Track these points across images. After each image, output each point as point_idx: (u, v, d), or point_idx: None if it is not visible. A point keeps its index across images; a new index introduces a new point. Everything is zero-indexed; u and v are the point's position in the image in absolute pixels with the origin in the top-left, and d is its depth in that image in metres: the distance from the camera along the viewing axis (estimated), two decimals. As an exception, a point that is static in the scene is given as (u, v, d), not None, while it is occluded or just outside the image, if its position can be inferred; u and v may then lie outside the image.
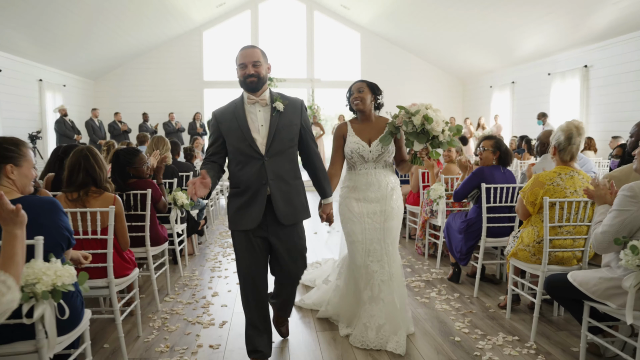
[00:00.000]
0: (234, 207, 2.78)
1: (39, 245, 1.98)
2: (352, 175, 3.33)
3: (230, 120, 2.74)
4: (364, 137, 3.26)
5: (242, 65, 2.70)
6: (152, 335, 3.39)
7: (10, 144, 2.13)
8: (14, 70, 10.74)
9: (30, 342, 2.05)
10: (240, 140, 2.70)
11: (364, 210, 3.24)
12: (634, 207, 2.43)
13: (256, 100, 2.74)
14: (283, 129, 2.73)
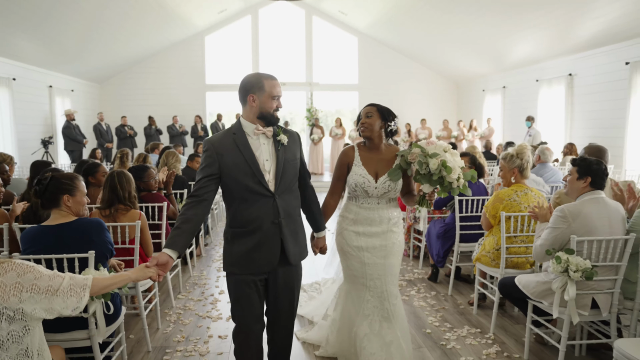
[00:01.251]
0: (241, 249, 2.47)
1: (92, 257, 2.57)
2: (353, 207, 3.02)
3: (233, 152, 2.43)
4: (370, 168, 2.94)
5: (276, 97, 2.48)
6: (170, 328, 3.99)
7: (66, 178, 2.71)
8: (26, 78, 11.31)
9: (85, 331, 2.66)
10: (248, 176, 2.42)
11: (363, 244, 2.96)
12: (564, 225, 3.01)
13: (263, 131, 2.49)
14: (288, 164, 2.52)
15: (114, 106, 15.68)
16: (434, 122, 16.01)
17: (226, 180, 2.45)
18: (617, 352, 2.47)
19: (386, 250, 2.97)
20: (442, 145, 2.79)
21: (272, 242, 2.48)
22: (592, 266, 2.83)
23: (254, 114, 2.48)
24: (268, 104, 2.46)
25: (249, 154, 2.44)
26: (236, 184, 2.44)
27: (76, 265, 2.58)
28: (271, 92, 2.46)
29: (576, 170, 3.14)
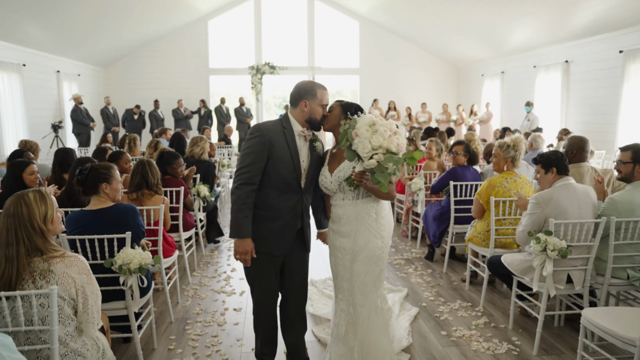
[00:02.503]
0: (263, 231, 2.73)
1: (128, 238, 2.94)
2: (332, 205, 2.95)
3: (283, 145, 2.68)
4: (332, 166, 2.85)
5: (325, 106, 2.76)
6: (188, 302, 4.39)
7: (104, 168, 3.06)
8: (35, 64, 11.57)
9: (122, 301, 3.04)
10: (289, 171, 2.69)
11: (337, 243, 2.88)
12: (538, 210, 3.39)
13: (307, 134, 2.77)
14: (316, 168, 2.84)
15: (119, 90, 15.94)
16: (434, 106, 16.28)
17: (269, 167, 2.66)
18: (584, 319, 2.85)
19: (353, 253, 2.81)
20: (368, 120, 2.55)
21: (291, 231, 2.78)
22: (567, 246, 3.20)
23: (303, 117, 2.74)
24: (317, 111, 2.73)
25: (294, 151, 2.71)
26: (277, 174, 2.67)
27: (115, 244, 2.96)
28: (322, 101, 2.73)
29: (541, 166, 3.52)
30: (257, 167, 2.65)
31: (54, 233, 2.28)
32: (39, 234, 2.19)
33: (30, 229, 2.16)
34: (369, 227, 2.80)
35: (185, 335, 3.76)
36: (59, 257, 2.20)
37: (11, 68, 10.47)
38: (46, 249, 2.20)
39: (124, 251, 2.90)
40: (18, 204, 2.16)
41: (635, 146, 3.47)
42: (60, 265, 2.18)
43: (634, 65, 8.93)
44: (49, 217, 2.23)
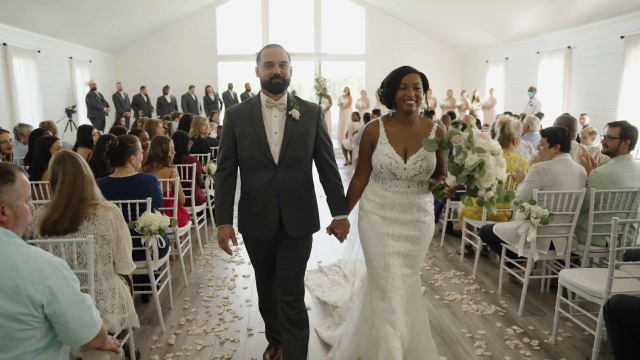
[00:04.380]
0: (247, 214, 2.63)
1: (149, 203, 3.27)
2: (378, 189, 2.66)
3: (246, 122, 2.54)
4: (399, 147, 2.57)
5: (268, 64, 2.49)
6: (201, 269, 4.72)
7: (130, 141, 3.38)
8: (49, 51, 11.89)
9: (143, 261, 3.36)
10: (255, 146, 2.51)
11: (389, 230, 2.63)
12: (537, 178, 3.67)
13: (275, 104, 2.53)
14: (298, 139, 2.53)
15: (129, 76, 16.22)
16: (439, 92, 16.44)
17: (239, 148, 2.57)
18: (561, 278, 3.14)
19: (413, 240, 2.65)
20: (494, 146, 2.31)
21: (271, 213, 2.55)
22: (550, 214, 3.48)
23: (261, 85, 2.58)
24: (263, 73, 2.50)
25: (258, 125, 2.52)
26: (245, 153, 2.54)
27: (137, 209, 3.28)
28: (262, 60, 2.51)
29: (546, 140, 3.77)
30: (225, 151, 2.60)
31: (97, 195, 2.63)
32: (90, 184, 2.55)
33: (87, 179, 2.55)
34: (428, 211, 2.67)
35: (199, 297, 4.09)
36: (101, 204, 2.60)
37: (27, 54, 10.79)
38: (93, 197, 2.57)
39: (145, 214, 3.22)
40: (71, 161, 2.52)
41: (624, 123, 3.71)
42: (101, 210, 2.58)
43: (635, 50, 9.09)
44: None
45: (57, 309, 1.62)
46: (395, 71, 2.56)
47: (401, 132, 2.60)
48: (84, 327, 1.72)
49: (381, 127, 2.64)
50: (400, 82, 2.51)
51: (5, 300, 1.53)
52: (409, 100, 2.50)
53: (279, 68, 2.49)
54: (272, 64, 2.49)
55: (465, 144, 2.32)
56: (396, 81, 2.52)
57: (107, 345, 2.01)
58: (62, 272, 1.65)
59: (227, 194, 2.63)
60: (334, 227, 2.76)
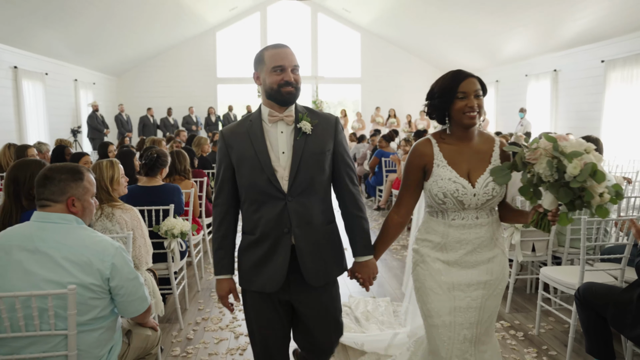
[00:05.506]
0: (249, 261, 2.08)
1: (172, 210, 3.63)
2: (438, 225, 2.14)
3: (244, 143, 2.03)
4: (461, 168, 2.09)
5: (278, 68, 1.99)
6: (211, 276, 5.05)
7: (164, 156, 3.80)
8: (56, 73, 12.34)
9: (164, 263, 3.71)
10: (257, 172, 2.00)
11: (455, 279, 2.10)
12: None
13: (280, 117, 2.03)
14: (311, 158, 2.02)
15: (131, 98, 16.68)
16: (432, 113, 16.99)
17: (238, 177, 2.07)
18: (542, 275, 3.53)
19: (487, 287, 2.11)
20: (582, 142, 1.90)
21: (280, 256, 2.01)
22: (531, 219, 3.88)
23: (264, 96, 2.05)
24: (271, 79, 1.99)
25: (260, 145, 2.01)
26: (245, 181, 2.04)
27: (160, 214, 3.64)
28: (273, 63, 1.98)
29: None
30: (221, 182, 2.11)
31: (118, 192, 3.00)
32: (105, 190, 2.94)
33: (100, 185, 2.93)
34: (504, 249, 2.17)
35: (212, 299, 4.42)
36: (119, 206, 2.99)
37: (36, 77, 11.22)
38: (109, 200, 2.97)
39: (168, 219, 3.58)
40: (95, 168, 2.94)
41: (588, 137, 4.14)
42: (118, 211, 2.97)
43: (614, 73, 9.64)
44: (115, 179, 2.98)
45: (118, 283, 1.97)
46: (447, 78, 2.07)
47: (460, 151, 2.10)
48: (139, 300, 2.07)
49: (435, 147, 2.12)
50: (457, 90, 2.02)
51: (81, 273, 1.88)
52: (471, 112, 2.02)
53: (291, 74, 1.99)
54: (284, 69, 1.98)
55: (552, 154, 1.87)
56: (452, 90, 2.03)
57: (149, 322, 2.36)
58: (121, 253, 2.01)
59: (225, 237, 2.11)
60: (355, 271, 2.18)
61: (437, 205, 2.11)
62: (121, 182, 3.00)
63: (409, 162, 2.17)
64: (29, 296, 1.80)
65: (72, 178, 2.00)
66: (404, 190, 2.20)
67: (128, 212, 2.98)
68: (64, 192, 1.97)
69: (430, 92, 2.15)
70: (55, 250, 1.88)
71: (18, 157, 4.65)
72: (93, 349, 1.96)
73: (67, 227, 1.95)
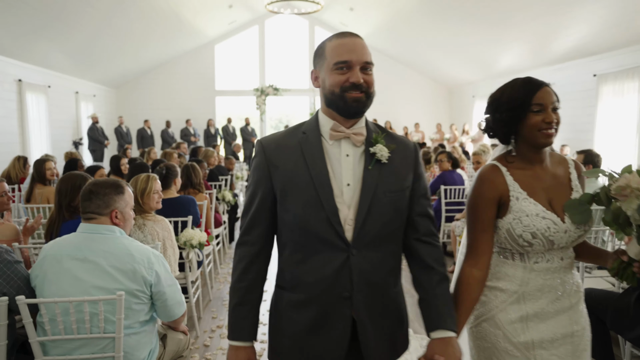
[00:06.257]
0: (286, 330, 1.56)
1: (190, 221, 3.79)
2: (515, 270, 1.73)
3: (295, 163, 1.51)
4: (540, 198, 1.72)
5: (342, 65, 1.49)
6: (221, 286, 5.20)
7: (174, 168, 3.93)
8: (58, 86, 12.49)
9: (182, 272, 3.86)
10: (311, 207, 1.48)
11: (534, 335, 1.70)
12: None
13: (346, 134, 1.52)
14: (386, 196, 1.51)
15: (130, 110, 16.84)
16: (428, 125, 17.28)
17: (279, 209, 1.54)
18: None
19: (576, 341, 1.74)
20: None
21: (335, 330, 1.50)
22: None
23: (324, 102, 1.56)
24: (332, 80, 1.49)
25: (319, 169, 1.49)
26: (290, 217, 1.51)
27: (179, 225, 3.80)
28: (333, 58, 1.49)
29: None
30: (254, 213, 1.56)
31: (149, 206, 3.15)
32: (135, 202, 3.09)
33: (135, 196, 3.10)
34: (582, 290, 1.82)
35: (224, 308, 4.57)
36: (151, 217, 3.17)
37: (39, 89, 11.37)
38: (140, 212, 3.14)
39: (186, 230, 3.74)
40: (133, 181, 3.12)
41: (588, 151, 4.37)
42: (150, 222, 3.14)
43: (606, 87, 9.93)
44: (146, 193, 3.15)
45: (160, 289, 2.13)
46: (517, 87, 1.72)
47: (536, 177, 1.73)
48: (177, 305, 2.23)
49: (506, 175, 1.72)
50: (531, 102, 1.67)
51: (127, 280, 2.04)
52: (549, 129, 1.67)
53: (360, 73, 1.50)
54: (351, 65, 1.49)
55: None
56: (525, 102, 1.67)
57: (181, 327, 2.52)
58: (162, 261, 2.17)
59: (250, 290, 1.57)
60: (434, 353, 1.52)
61: (519, 247, 1.69)
62: (152, 196, 3.16)
63: (478, 196, 1.74)
64: (82, 301, 1.95)
65: (115, 192, 2.17)
66: (479, 233, 1.72)
67: (159, 223, 3.14)
68: (108, 205, 2.14)
69: (494, 104, 1.77)
70: (103, 259, 2.04)
71: (37, 172, 4.78)
72: (136, 351, 2.11)
73: (112, 237, 2.11)
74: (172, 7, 12.51)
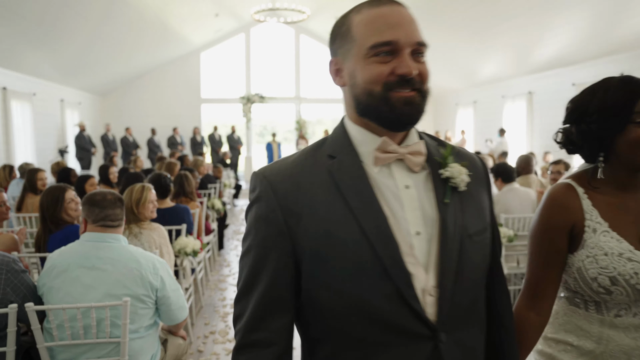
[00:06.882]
0: None
1: (184, 229, 3.87)
2: (589, 323, 1.36)
3: (328, 207, 0.98)
4: (629, 233, 1.32)
5: (388, 47, 0.98)
6: (213, 293, 5.28)
7: (167, 178, 4.00)
8: (43, 93, 12.42)
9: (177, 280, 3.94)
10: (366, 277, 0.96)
11: None
12: (498, 208, 4.40)
13: (400, 153, 1.02)
14: (472, 245, 1.03)
15: (116, 117, 16.77)
16: (412, 132, 17.51)
17: (307, 282, 1.01)
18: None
19: None
20: None
21: None
22: (515, 234, 4.23)
23: (352, 107, 1.06)
24: (364, 73, 1.00)
25: (371, 214, 0.97)
26: (332, 297, 0.98)
27: (173, 233, 3.88)
28: (367, 40, 0.99)
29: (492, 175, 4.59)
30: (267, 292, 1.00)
31: (144, 215, 3.22)
32: (130, 211, 3.18)
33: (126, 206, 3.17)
34: None
35: (216, 314, 4.65)
36: (147, 226, 3.23)
37: (24, 97, 11.31)
38: (136, 221, 3.20)
39: (181, 238, 3.82)
40: (128, 191, 3.17)
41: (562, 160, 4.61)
42: (146, 230, 3.20)
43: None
44: (141, 202, 3.21)
45: (165, 293, 2.22)
46: (612, 91, 1.35)
47: (624, 206, 1.35)
48: (180, 309, 2.32)
49: (583, 198, 1.37)
50: (633, 110, 1.29)
51: (134, 285, 2.13)
52: None
53: (410, 60, 0.98)
54: (397, 49, 0.98)
55: None
56: (624, 110, 1.30)
57: (181, 332, 2.60)
58: (165, 267, 2.26)
59: None
60: None
61: (593, 293, 1.32)
62: (147, 206, 3.23)
63: (544, 222, 1.37)
64: (89, 307, 2.04)
65: (121, 204, 2.27)
66: (542, 269, 1.36)
67: (155, 230, 3.22)
68: (121, 216, 2.24)
69: (579, 110, 1.40)
70: (111, 266, 2.13)
71: (29, 181, 4.82)
72: (140, 355, 2.20)
73: (118, 245, 2.20)
74: (159, 15, 12.58)
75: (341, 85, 1.09)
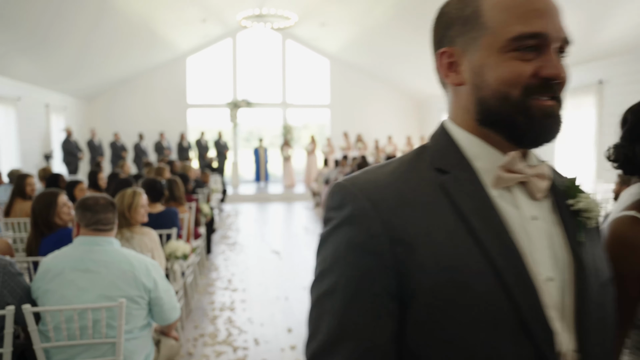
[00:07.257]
0: None
1: (174, 233, 3.93)
2: None
3: (448, 234, 0.75)
4: None
5: (535, 40, 0.77)
6: (202, 297, 5.32)
7: (160, 183, 4.06)
8: (28, 98, 12.33)
9: (167, 282, 3.98)
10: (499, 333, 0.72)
11: None
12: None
13: (525, 175, 0.80)
14: (607, 294, 0.83)
15: (102, 122, 16.70)
16: (399, 138, 17.73)
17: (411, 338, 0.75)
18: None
19: None
20: None
21: None
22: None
23: (470, 112, 0.84)
24: (502, 70, 0.78)
25: (504, 250, 0.75)
26: (452, 355, 0.73)
27: (164, 237, 3.93)
28: (508, 29, 0.77)
29: None
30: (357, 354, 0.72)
31: (135, 219, 3.27)
32: (122, 216, 3.22)
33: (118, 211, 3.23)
34: None
35: (205, 318, 4.70)
36: (138, 230, 3.28)
37: (8, 102, 11.23)
38: (127, 225, 3.24)
39: (171, 242, 3.88)
40: (120, 196, 3.22)
41: None
42: (138, 234, 3.26)
43: (570, 101, 10.50)
44: (133, 207, 3.26)
45: (158, 294, 2.28)
46: None
47: None
48: (172, 309, 2.39)
49: None
50: None
51: (128, 287, 2.19)
52: None
53: (557, 61, 0.80)
54: (545, 43, 0.78)
55: None
56: None
57: (173, 333, 2.66)
58: (158, 269, 2.33)
59: None
60: None
61: None
62: (139, 210, 3.28)
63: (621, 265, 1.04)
64: (85, 309, 2.09)
65: (114, 208, 2.33)
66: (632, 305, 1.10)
67: (147, 234, 3.27)
68: (113, 220, 2.30)
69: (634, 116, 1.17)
70: (105, 268, 2.19)
71: (18, 186, 4.83)
72: (134, 355, 2.25)
73: (111, 248, 2.27)
74: (146, 20, 12.60)
75: (456, 83, 0.86)
